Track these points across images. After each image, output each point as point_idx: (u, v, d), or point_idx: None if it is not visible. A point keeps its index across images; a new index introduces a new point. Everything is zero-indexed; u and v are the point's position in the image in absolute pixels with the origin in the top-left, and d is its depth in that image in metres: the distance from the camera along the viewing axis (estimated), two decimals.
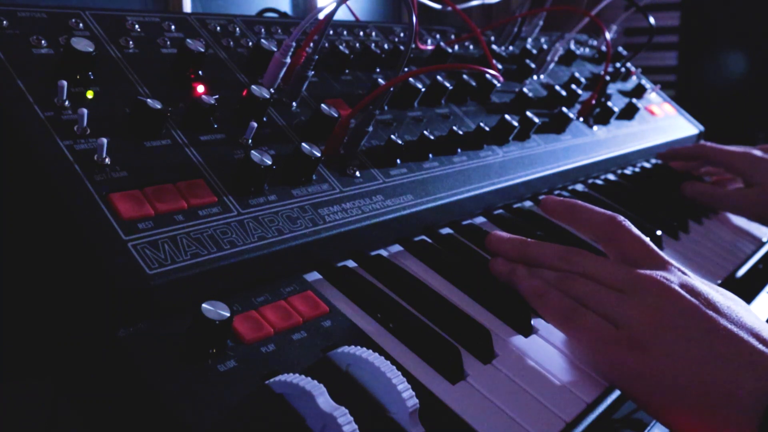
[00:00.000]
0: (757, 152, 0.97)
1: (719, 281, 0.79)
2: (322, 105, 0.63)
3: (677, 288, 0.52)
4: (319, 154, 0.57)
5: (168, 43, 0.62)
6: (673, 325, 0.50)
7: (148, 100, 0.51)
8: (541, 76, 1.06)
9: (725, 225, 0.97)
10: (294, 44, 0.63)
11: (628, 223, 0.60)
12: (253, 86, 0.59)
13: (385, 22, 0.92)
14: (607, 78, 1.06)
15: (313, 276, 0.55)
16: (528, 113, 0.85)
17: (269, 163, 0.53)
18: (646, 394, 0.49)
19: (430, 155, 0.71)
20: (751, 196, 0.94)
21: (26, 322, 0.52)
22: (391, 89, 0.62)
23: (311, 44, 0.65)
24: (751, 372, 0.46)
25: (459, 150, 0.75)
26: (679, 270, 0.56)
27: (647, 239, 0.59)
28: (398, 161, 0.67)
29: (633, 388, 0.50)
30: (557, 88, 0.99)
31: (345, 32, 0.82)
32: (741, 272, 0.85)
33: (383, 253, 0.62)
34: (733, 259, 0.87)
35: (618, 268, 0.56)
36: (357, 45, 0.81)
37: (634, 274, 0.54)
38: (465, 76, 0.85)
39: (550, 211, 0.66)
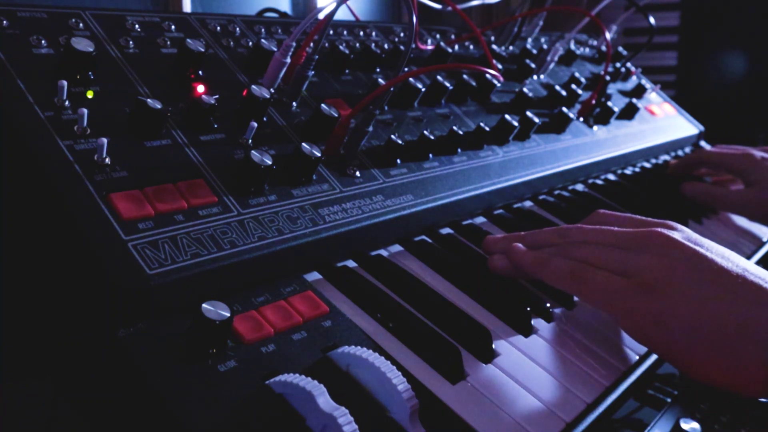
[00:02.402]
0: (757, 152, 0.97)
1: None
2: (322, 105, 0.63)
3: (681, 239, 0.54)
4: (319, 154, 0.57)
5: (168, 43, 0.62)
6: (683, 267, 0.51)
7: (148, 100, 0.51)
8: (541, 76, 1.06)
9: (725, 225, 0.97)
10: (294, 44, 0.63)
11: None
12: (253, 86, 0.59)
13: (385, 22, 0.92)
14: (607, 78, 1.06)
15: (313, 276, 0.55)
16: (528, 113, 0.85)
17: (269, 163, 0.53)
18: (665, 338, 0.50)
19: (430, 155, 0.71)
20: (751, 195, 0.94)
21: (26, 322, 0.52)
22: (391, 89, 0.62)
23: (311, 44, 0.65)
24: (764, 306, 0.48)
25: (459, 150, 0.75)
26: (676, 224, 0.58)
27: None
28: (398, 161, 0.67)
29: (651, 335, 0.51)
30: (557, 88, 0.99)
31: (345, 32, 0.82)
32: None
33: (383, 253, 0.62)
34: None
35: (619, 232, 0.57)
36: (357, 45, 0.81)
37: (637, 233, 0.56)
38: (465, 76, 0.85)
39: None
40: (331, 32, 0.80)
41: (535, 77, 1.05)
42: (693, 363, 0.50)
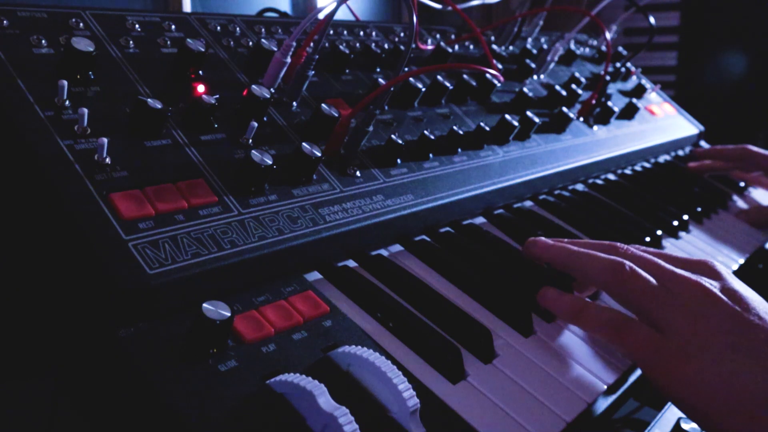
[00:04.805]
0: None
1: None
2: (323, 105, 0.63)
3: (719, 293, 0.52)
4: (319, 154, 0.57)
5: (168, 42, 0.62)
6: (718, 333, 0.50)
7: (149, 99, 0.51)
8: (541, 76, 1.06)
9: (725, 225, 0.98)
10: (294, 44, 0.63)
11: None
12: (253, 86, 0.59)
13: (385, 22, 0.92)
14: (607, 78, 1.06)
15: (314, 276, 0.55)
16: (528, 113, 0.85)
17: (270, 162, 0.53)
18: (696, 404, 0.49)
19: (431, 155, 0.71)
20: None
21: (26, 321, 0.52)
22: (392, 89, 0.62)
23: (311, 44, 0.65)
24: None
25: (459, 150, 0.75)
26: (717, 267, 0.56)
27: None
28: (398, 161, 0.67)
29: (683, 398, 0.50)
30: (557, 87, 0.99)
31: (345, 32, 0.82)
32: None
33: (384, 252, 0.62)
34: (732, 257, 0.87)
35: (668, 266, 0.56)
36: (357, 45, 0.81)
37: (677, 275, 0.54)
38: (465, 76, 0.85)
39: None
40: (331, 32, 0.80)
41: (535, 77, 1.05)
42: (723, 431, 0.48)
